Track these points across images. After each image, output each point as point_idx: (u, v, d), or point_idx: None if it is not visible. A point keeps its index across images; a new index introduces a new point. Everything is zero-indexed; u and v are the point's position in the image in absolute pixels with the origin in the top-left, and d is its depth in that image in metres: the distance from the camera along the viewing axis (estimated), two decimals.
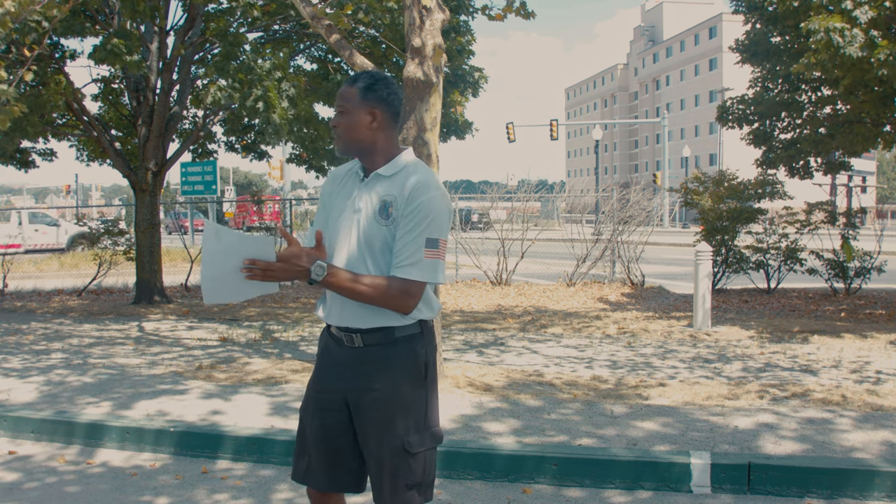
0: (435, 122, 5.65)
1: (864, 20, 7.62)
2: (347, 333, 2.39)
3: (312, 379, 2.53)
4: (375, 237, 2.32)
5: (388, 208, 2.32)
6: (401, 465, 2.34)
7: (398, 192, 2.33)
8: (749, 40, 11.53)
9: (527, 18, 6.39)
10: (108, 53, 8.84)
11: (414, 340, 2.39)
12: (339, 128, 2.40)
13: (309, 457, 2.47)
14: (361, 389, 2.37)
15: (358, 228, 2.35)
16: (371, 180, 2.39)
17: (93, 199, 67.18)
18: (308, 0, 5.90)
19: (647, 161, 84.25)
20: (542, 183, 18.20)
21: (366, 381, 2.36)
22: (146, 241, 10.79)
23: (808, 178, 11.98)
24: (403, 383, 2.36)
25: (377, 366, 2.36)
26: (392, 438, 2.34)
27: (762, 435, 4.37)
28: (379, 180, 2.38)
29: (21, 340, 7.85)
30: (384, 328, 2.35)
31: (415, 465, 2.36)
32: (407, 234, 2.29)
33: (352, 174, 2.48)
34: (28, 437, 4.83)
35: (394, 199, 2.33)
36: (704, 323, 8.37)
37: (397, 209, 2.31)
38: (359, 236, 2.34)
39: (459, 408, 4.99)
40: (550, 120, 39.97)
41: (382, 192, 2.35)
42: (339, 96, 2.41)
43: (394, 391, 2.35)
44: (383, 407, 2.35)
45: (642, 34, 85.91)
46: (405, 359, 2.37)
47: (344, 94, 2.39)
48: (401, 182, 2.35)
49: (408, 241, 2.29)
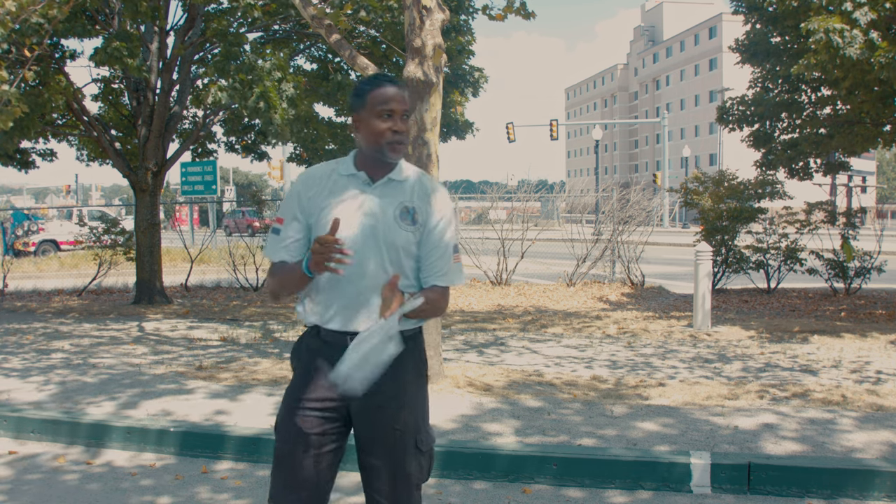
0: (435, 122, 5.65)
1: (863, 21, 7.62)
2: (352, 336, 2.28)
3: (298, 390, 2.36)
4: (396, 240, 2.31)
5: (412, 214, 2.33)
6: (413, 465, 2.34)
7: (422, 202, 2.35)
8: (749, 40, 11.54)
9: (527, 18, 6.40)
10: (109, 56, 8.84)
11: (416, 338, 2.40)
12: (406, 134, 2.34)
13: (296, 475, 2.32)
14: (370, 393, 2.27)
15: (375, 233, 2.30)
16: (382, 185, 2.35)
17: (93, 200, 67.16)
18: (308, 0, 5.90)
19: (647, 161, 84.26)
20: (542, 183, 18.20)
21: (378, 385, 2.26)
22: (146, 241, 10.79)
23: (807, 180, 12.00)
24: (411, 382, 2.37)
25: (390, 367, 2.27)
26: (407, 439, 2.33)
27: (762, 435, 4.37)
28: (391, 184, 2.36)
29: (21, 340, 7.85)
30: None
31: (425, 462, 2.38)
32: (440, 245, 2.35)
33: (339, 177, 2.38)
34: (29, 437, 4.83)
35: (417, 206, 2.35)
36: (704, 323, 8.37)
37: (423, 216, 2.34)
38: (378, 240, 2.30)
39: (459, 408, 4.99)
40: (550, 120, 39.99)
41: (400, 196, 2.35)
42: (400, 100, 2.32)
43: (403, 391, 2.34)
44: (394, 409, 2.32)
45: (642, 34, 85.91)
46: (411, 356, 2.36)
47: (403, 98, 2.33)
48: (417, 189, 2.37)
49: (442, 250, 2.35)
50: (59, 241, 23.36)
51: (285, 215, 2.40)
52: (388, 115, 2.30)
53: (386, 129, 2.30)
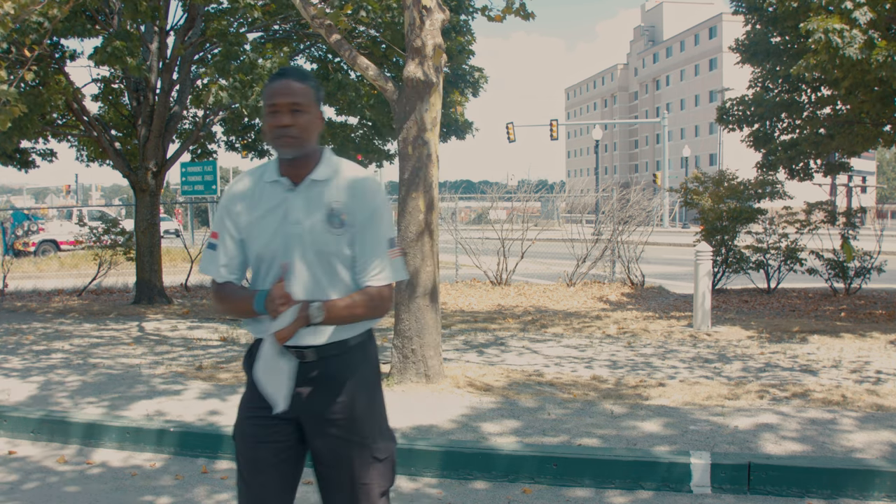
0: (435, 122, 5.65)
1: (863, 21, 7.62)
2: (298, 350, 2.20)
3: (247, 401, 2.30)
4: (326, 246, 2.17)
5: (339, 216, 2.18)
6: (372, 475, 2.26)
7: (347, 198, 2.19)
8: (749, 41, 11.54)
9: (526, 19, 6.39)
10: (110, 56, 8.85)
11: (367, 344, 2.30)
12: (297, 128, 2.17)
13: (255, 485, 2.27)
14: (320, 406, 2.21)
15: (302, 241, 2.17)
16: (305, 187, 2.21)
17: (93, 200, 67.17)
18: (308, 0, 5.90)
19: (647, 161, 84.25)
20: (542, 183, 18.18)
21: (324, 396, 2.21)
22: (146, 241, 10.79)
23: (807, 180, 12.00)
24: (364, 391, 2.26)
25: (335, 378, 2.22)
26: (362, 450, 2.25)
27: (762, 435, 4.37)
28: (315, 186, 2.21)
29: (21, 340, 7.85)
30: (339, 340, 2.23)
31: (385, 470, 2.29)
32: (372, 241, 2.20)
33: (264, 185, 2.24)
34: (28, 436, 4.83)
35: (344, 206, 2.19)
36: (704, 323, 8.37)
37: (351, 215, 2.19)
38: (305, 248, 2.17)
39: (460, 408, 4.99)
40: (550, 120, 39.97)
41: (325, 198, 2.20)
42: (291, 92, 2.17)
43: (356, 401, 2.24)
44: (348, 419, 2.23)
45: (642, 34, 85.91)
46: (361, 365, 2.27)
47: (297, 90, 2.17)
48: (347, 189, 2.21)
49: (374, 247, 2.20)
50: (59, 241, 23.40)
51: (219, 230, 2.28)
52: (274, 111, 2.17)
53: (272, 126, 2.18)
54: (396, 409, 4.99)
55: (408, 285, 5.62)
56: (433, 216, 5.68)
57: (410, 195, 5.63)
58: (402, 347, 5.64)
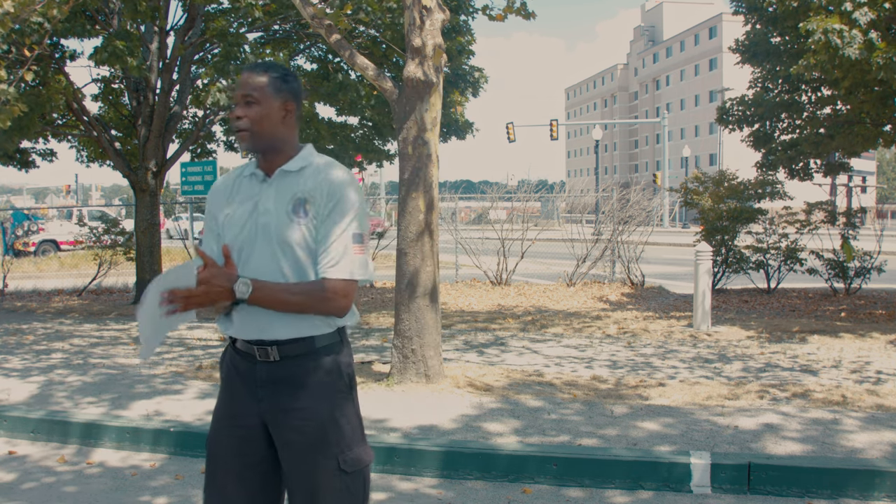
0: (435, 122, 5.65)
1: (863, 21, 7.62)
2: (261, 347, 2.15)
3: (219, 408, 2.25)
4: (290, 236, 2.14)
5: (303, 205, 2.15)
6: (339, 488, 2.15)
7: (314, 188, 2.16)
8: (749, 41, 11.54)
9: (527, 19, 6.39)
10: (110, 55, 8.84)
11: (336, 349, 2.20)
12: (247, 120, 2.18)
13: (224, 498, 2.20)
14: (284, 410, 2.14)
15: (268, 231, 2.15)
16: (276, 178, 2.20)
17: (93, 200, 67.18)
18: (308, 0, 5.90)
19: (647, 161, 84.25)
20: (542, 183, 18.18)
21: (288, 400, 2.14)
22: (146, 241, 10.79)
23: (807, 180, 12.00)
24: (331, 398, 2.17)
25: (300, 381, 2.14)
26: (326, 460, 2.13)
27: (762, 435, 4.37)
28: (285, 177, 2.20)
29: (21, 340, 7.85)
30: (304, 338, 2.15)
31: (353, 485, 2.17)
32: (333, 232, 2.13)
33: (242, 179, 2.27)
34: (27, 436, 4.83)
35: (309, 195, 2.16)
36: (704, 323, 8.37)
37: (316, 205, 2.15)
38: (271, 239, 2.15)
39: (460, 408, 4.99)
40: (550, 120, 39.96)
41: (293, 188, 2.18)
42: (244, 83, 2.19)
43: (321, 407, 2.14)
44: (312, 426, 2.13)
45: (642, 34, 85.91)
46: (330, 370, 2.17)
47: (251, 82, 2.19)
48: (314, 177, 2.18)
49: (335, 238, 2.13)
50: (59, 241, 23.40)
51: (205, 226, 2.32)
52: (234, 104, 2.23)
53: (231, 118, 2.23)
54: (396, 409, 4.99)
55: (408, 285, 5.62)
56: (433, 216, 5.68)
57: (410, 195, 5.63)
58: (402, 347, 5.64)
